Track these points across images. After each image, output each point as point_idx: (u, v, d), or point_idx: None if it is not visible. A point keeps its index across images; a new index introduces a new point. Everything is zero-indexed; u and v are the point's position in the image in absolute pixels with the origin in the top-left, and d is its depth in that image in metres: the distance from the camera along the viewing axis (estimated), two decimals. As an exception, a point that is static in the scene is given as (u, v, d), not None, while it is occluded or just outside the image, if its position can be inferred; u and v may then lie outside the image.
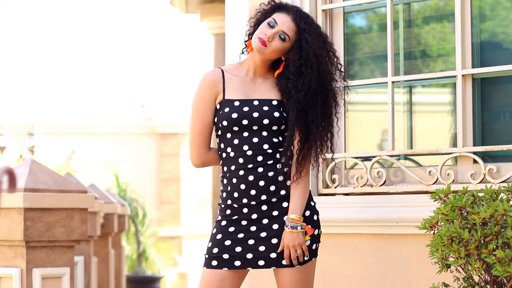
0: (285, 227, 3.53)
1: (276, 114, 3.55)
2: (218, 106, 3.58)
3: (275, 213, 3.55)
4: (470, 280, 3.31)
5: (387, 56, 4.37)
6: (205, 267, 3.58)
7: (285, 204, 3.56)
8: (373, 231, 4.30)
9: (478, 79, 4.19)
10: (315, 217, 3.61)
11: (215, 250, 3.55)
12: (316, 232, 3.59)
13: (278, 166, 3.55)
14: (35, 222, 4.42)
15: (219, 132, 3.59)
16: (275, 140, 3.56)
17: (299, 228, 3.52)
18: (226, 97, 3.57)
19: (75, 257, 6.21)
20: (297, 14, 3.56)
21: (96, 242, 7.78)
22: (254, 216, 3.54)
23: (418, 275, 4.14)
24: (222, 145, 3.59)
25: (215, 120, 3.58)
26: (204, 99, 3.60)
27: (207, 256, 3.57)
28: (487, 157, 4.13)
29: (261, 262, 3.54)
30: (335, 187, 4.47)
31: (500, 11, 4.29)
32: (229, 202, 3.57)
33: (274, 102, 3.57)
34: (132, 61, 27.57)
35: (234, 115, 3.52)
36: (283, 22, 3.54)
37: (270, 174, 3.53)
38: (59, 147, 19.57)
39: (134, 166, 18.04)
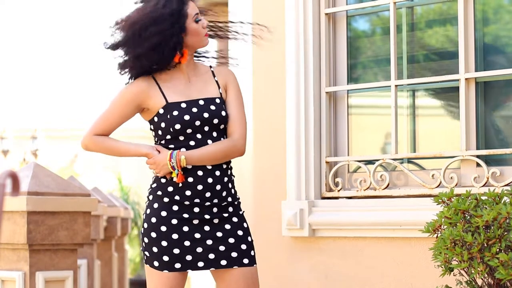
0: (168, 159, 3.50)
1: (223, 113, 3.59)
2: (161, 111, 3.56)
3: (225, 214, 3.57)
4: (473, 284, 3.31)
5: (390, 60, 4.37)
6: (166, 270, 3.50)
7: (230, 209, 3.58)
8: (376, 234, 4.30)
9: (481, 83, 4.19)
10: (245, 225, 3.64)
11: (176, 251, 3.51)
12: (249, 238, 3.61)
13: (229, 172, 3.61)
14: (38, 226, 4.42)
15: (168, 136, 3.56)
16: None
17: (176, 171, 3.52)
18: (169, 101, 3.57)
19: (78, 260, 6.21)
20: None
21: (99, 245, 7.78)
22: (207, 216, 3.54)
23: (421, 278, 4.14)
24: (172, 146, 3.56)
25: (162, 125, 3.56)
26: (130, 104, 3.63)
27: (168, 258, 3.50)
28: (490, 161, 4.13)
29: (223, 262, 3.53)
30: (338, 191, 4.47)
31: (503, 15, 4.29)
32: (177, 197, 3.53)
33: (217, 100, 3.61)
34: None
35: (187, 117, 3.53)
36: (193, 7, 3.66)
37: (225, 179, 3.57)
38: (62, 151, 19.60)
39: (137, 169, 18.04)
